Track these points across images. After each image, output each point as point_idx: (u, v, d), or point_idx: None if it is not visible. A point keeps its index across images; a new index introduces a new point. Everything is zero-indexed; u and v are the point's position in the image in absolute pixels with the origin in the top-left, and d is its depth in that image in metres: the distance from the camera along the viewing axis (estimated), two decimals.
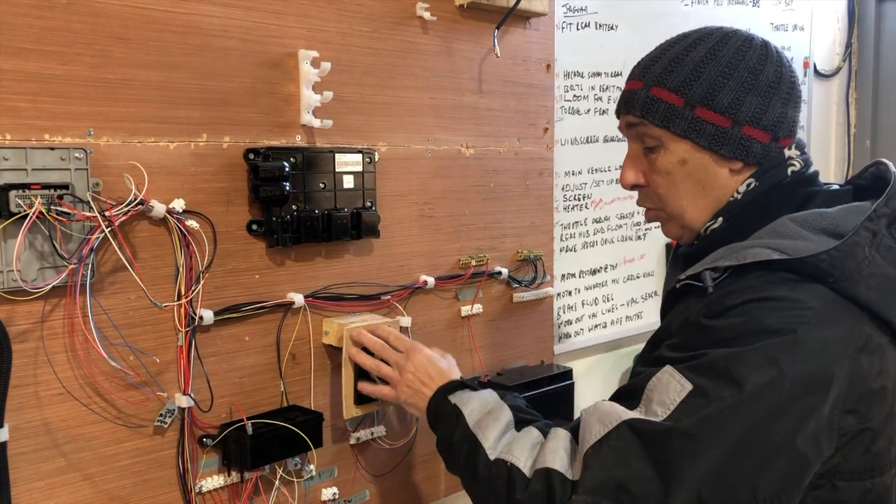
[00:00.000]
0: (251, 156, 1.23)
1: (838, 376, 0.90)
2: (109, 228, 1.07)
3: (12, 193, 0.99)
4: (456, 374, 1.26)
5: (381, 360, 1.29)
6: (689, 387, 0.90)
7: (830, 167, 2.83)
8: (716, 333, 0.93)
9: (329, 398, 1.38)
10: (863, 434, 0.93)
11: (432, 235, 1.51)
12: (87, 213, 1.05)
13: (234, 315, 1.24)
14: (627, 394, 0.98)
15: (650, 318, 2.14)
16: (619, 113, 1.10)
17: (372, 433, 1.44)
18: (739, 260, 0.96)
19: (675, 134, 1.02)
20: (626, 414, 0.94)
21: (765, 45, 1.04)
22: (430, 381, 1.23)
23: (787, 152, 1.04)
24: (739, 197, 1.03)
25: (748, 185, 1.03)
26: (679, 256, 1.17)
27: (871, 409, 0.93)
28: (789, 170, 1.03)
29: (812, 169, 1.06)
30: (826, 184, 1.08)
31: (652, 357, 1.01)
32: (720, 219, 1.04)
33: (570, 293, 1.92)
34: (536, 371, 1.65)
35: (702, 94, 1.01)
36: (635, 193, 1.15)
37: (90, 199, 1.06)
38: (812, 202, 1.02)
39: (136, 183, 1.10)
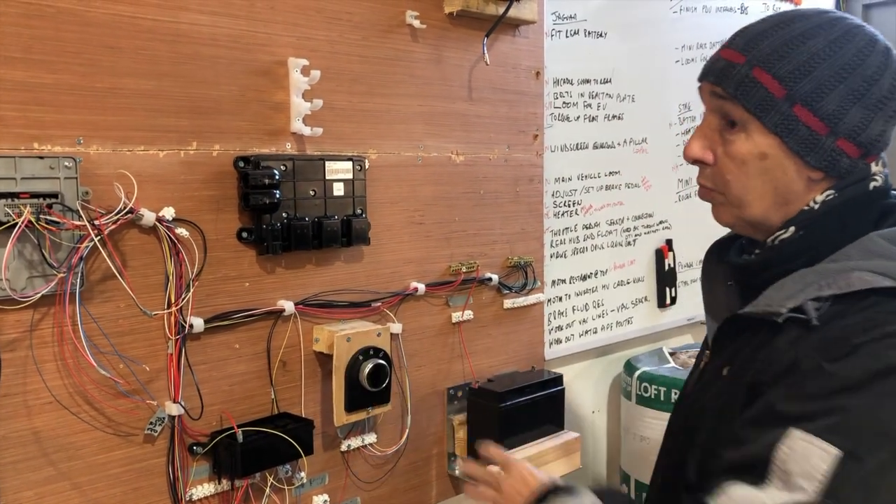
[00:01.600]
0: (241, 164, 1.24)
1: None
2: (99, 237, 1.07)
3: (1, 202, 0.99)
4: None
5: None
6: (834, 452, 0.79)
7: None
8: (842, 380, 0.81)
9: (320, 405, 1.38)
10: None
11: (423, 242, 1.52)
12: (77, 222, 1.05)
13: (225, 323, 1.24)
14: (748, 468, 0.84)
15: (640, 324, 2.15)
16: (704, 78, 0.98)
17: (363, 440, 1.44)
18: (843, 288, 0.86)
19: (764, 125, 0.91)
20: (771, 500, 0.81)
21: (886, 51, 0.93)
22: (524, 487, 1.10)
23: (873, 167, 0.95)
24: (816, 207, 0.93)
25: (827, 196, 0.93)
26: (730, 265, 1.04)
27: None
28: (871, 185, 0.94)
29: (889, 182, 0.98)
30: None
31: (759, 413, 0.86)
32: (792, 228, 0.93)
33: (560, 299, 1.92)
34: (527, 377, 1.65)
35: (807, 92, 0.89)
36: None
37: (79, 208, 1.06)
38: (891, 215, 0.94)
39: (125, 191, 1.10)
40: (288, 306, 1.31)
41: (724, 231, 1.09)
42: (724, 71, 0.94)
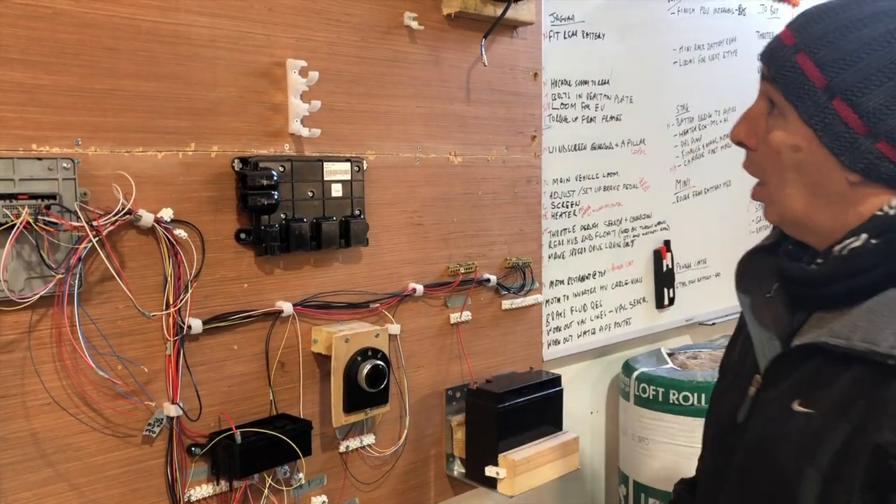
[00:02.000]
0: (239, 165, 1.24)
1: None
2: (97, 238, 1.07)
3: None
4: None
5: None
6: None
7: None
8: None
9: (318, 406, 1.38)
10: None
11: (421, 243, 1.52)
12: (75, 223, 1.05)
13: (223, 324, 1.24)
14: None
15: (639, 324, 2.15)
16: (760, 57, 0.91)
17: (361, 441, 1.44)
18: None
19: (800, 115, 0.84)
20: None
21: None
22: None
23: None
24: (892, 213, 0.83)
25: None
26: (781, 273, 0.93)
27: None
28: None
29: None
30: None
31: None
32: (864, 236, 0.83)
33: (558, 300, 1.93)
34: (525, 378, 1.65)
35: (849, 84, 0.81)
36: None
37: (78, 209, 1.06)
38: None
39: (123, 192, 1.10)
40: (286, 307, 1.31)
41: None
42: (773, 51, 0.88)
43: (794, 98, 0.84)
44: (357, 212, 1.39)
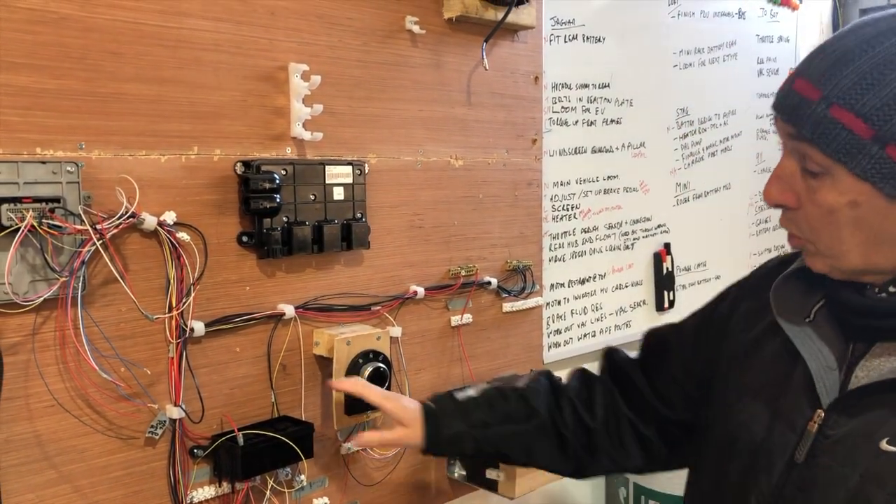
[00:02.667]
0: (242, 168, 1.24)
1: None
2: (101, 241, 1.08)
3: (4, 207, 1.00)
4: None
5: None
6: None
7: None
8: None
9: (320, 408, 1.38)
10: None
11: (422, 246, 1.53)
12: (79, 227, 1.06)
13: (225, 326, 1.25)
14: None
15: (639, 327, 2.16)
16: (777, 112, 0.85)
17: None
18: None
19: (851, 172, 0.78)
20: None
21: None
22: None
23: None
24: None
25: None
26: (836, 302, 0.89)
27: None
28: None
29: None
30: None
31: None
32: None
33: (559, 302, 1.93)
34: None
35: None
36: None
37: (81, 213, 1.06)
38: None
39: (127, 196, 1.11)
40: (288, 310, 1.31)
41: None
42: (797, 109, 0.81)
43: (841, 155, 0.78)
44: (359, 215, 1.40)
